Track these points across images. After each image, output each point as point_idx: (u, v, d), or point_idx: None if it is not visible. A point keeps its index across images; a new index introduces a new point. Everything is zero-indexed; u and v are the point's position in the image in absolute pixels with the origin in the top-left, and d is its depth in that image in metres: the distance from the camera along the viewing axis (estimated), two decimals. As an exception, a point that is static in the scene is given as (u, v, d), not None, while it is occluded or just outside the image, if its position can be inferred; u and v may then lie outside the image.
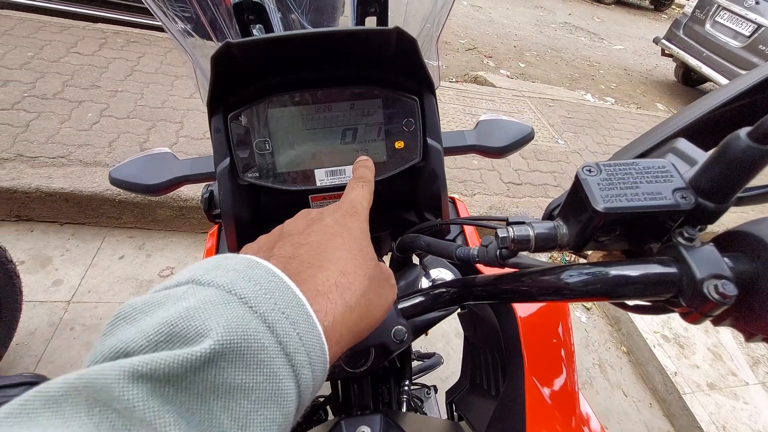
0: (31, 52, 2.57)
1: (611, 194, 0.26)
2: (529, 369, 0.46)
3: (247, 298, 0.20)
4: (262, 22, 0.45)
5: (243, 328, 0.18)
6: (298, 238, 0.28)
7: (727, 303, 0.23)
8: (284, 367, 0.19)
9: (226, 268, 0.21)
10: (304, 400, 0.21)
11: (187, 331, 0.18)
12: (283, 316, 0.20)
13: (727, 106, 0.34)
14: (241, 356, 0.18)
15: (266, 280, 0.21)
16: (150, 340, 0.17)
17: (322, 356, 0.22)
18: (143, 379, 0.16)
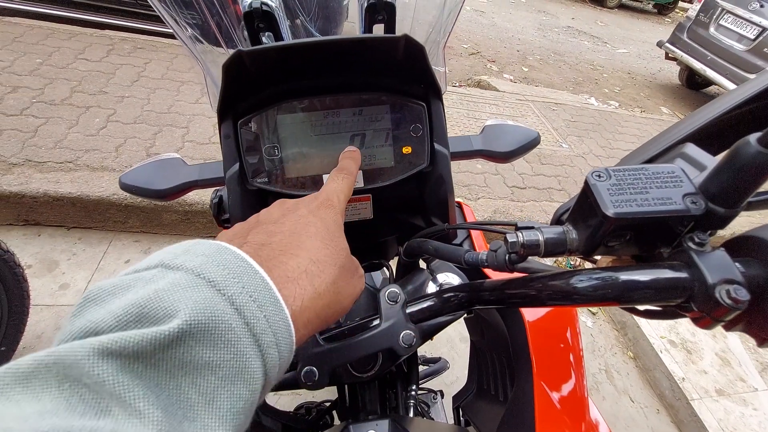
0: (40, 59, 2.60)
1: (621, 199, 0.26)
2: (538, 374, 0.46)
3: (215, 282, 0.21)
4: (272, 29, 0.46)
5: (211, 309, 0.19)
6: (272, 226, 0.30)
7: (739, 308, 0.23)
8: (251, 347, 0.20)
9: (195, 253, 0.22)
10: (271, 378, 0.22)
11: (156, 311, 0.18)
12: (251, 299, 0.21)
13: (735, 110, 0.34)
14: (208, 335, 0.19)
15: (235, 265, 0.22)
16: (119, 320, 0.18)
17: (289, 338, 0.23)
18: (113, 355, 0.16)
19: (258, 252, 0.26)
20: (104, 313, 0.18)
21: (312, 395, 1.30)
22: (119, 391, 0.16)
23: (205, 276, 0.21)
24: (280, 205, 0.33)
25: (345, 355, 0.38)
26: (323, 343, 0.38)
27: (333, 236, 0.30)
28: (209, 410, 0.18)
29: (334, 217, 0.32)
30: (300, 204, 0.32)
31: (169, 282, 0.20)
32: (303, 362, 0.37)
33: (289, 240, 0.28)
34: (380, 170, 0.47)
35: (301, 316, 0.25)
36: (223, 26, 0.54)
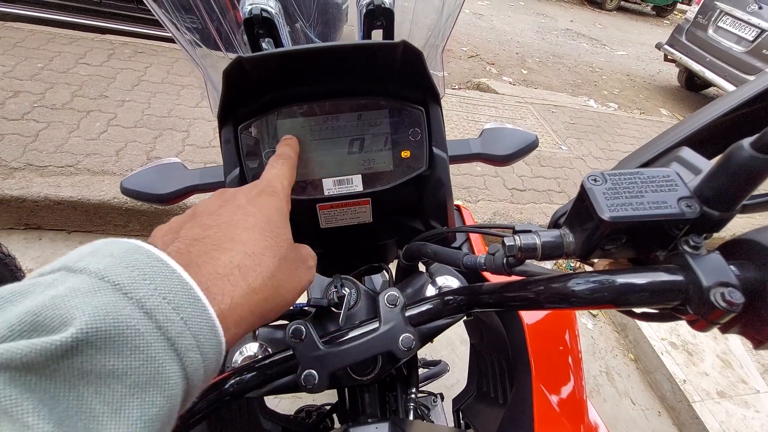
0: (41, 63, 2.62)
1: (617, 203, 0.26)
2: (537, 376, 0.46)
3: (122, 285, 0.19)
4: (272, 35, 0.46)
5: (113, 315, 0.18)
6: (208, 218, 0.28)
7: (734, 311, 0.23)
8: (165, 351, 0.19)
9: (102, 254, 0.21)
10: (195, 382, 0.21)
11: (51, 320, 0.17)
12: (164, 300, 0.20)
13: (730, 114, 0.34)
14: (110, 342, 0.18)
15: (147, 265, 0.21)
16: (12, 329, 0.17)
17: (215, 338, 0.22)
18: (1, 368, 0.16)
19: (189, 248, 0.25)
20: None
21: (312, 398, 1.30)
22: (6, 406, 0.15)
23: (109, 279, 0.19)
24: (219, 195, 0.31)
25: (344, 358, 0.38)
26: (323, 346, 0.38)
27: (273, 226, 0.29)
28: (117, 420, 0.17)
29: (277, 204, 0.31)
30: (239, 193, 0.31)
31: (68, 287, 0.18)
32: (303, 366, 0.37)
33: (225, 233, 0.27)
34: (379, 174, 0.47)
35: (231, 315, 0.24)
36: (223, 31, 0.55)
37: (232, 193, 0.31)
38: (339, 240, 0.54)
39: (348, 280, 0.48)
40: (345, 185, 0.47)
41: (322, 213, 0.49)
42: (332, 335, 0.41)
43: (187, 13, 0.53)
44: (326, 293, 0.47)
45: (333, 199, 0.47)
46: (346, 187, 0.47)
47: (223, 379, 0.38)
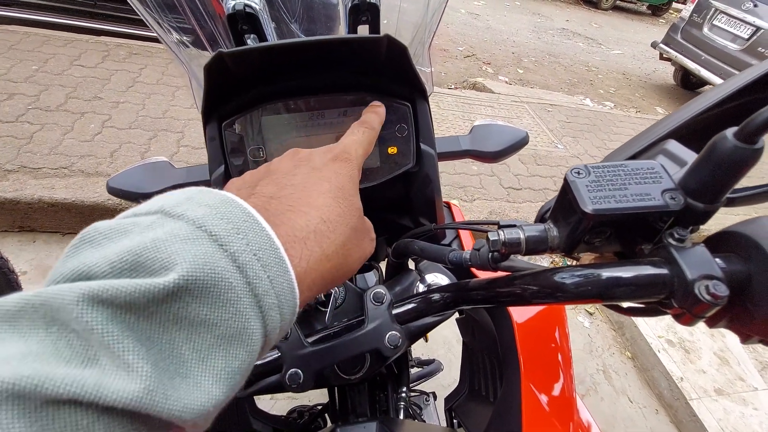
0: (35, 66, 2.61)
1: (600, 196, 0.26)
2: (526, 375, 0.45)
3: (218, 236, 0.19)
4: (256, 32, 0.45)
5: (211, 265, 0.18)
6: (283, 178, 0.28)
7: (718, 304, 0.23)
8: (251, 308, 0.20)
9: (198, 202, 0.21)
10: (271, 340, 0.22)
11: (152, 262, 0.18)
12: (255, 257, 0.20)
13: (716, 108, 0.34)
14: (206, 292, 0.18)
15: (240, 219, 0.21)
16: (113, 266, 0.17)
17: (292, 300, 0.22)
18: (103, 303, 0.16)
19: (266, 206, 0.25)
20: (98, 257, 0.17)
21: (308, 399, 1.29)
22: (108, 341, 0.15)
23: (207, 228, 0.19)
24: (293, 155, 0.31)
25: (331, 356, 0.38)
26: (308, 344, 0.38)
27: (347, 194, 0.29)
28: (203, 368, 0.18)
29: (350, 172, 0.30)
30: (314, 155, 0.30)
31: (167, 231, 0.19)
32: (288, 365, 0.37)
33: (300, 194, 0.27)
34: (367, 170, 0.47)
35: (306, 278, 0.24)
36: (208, 29, 0.54)
37: (306, 153, 0.31)
38: None
39: None
40: None
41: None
42: (318, 334, 0.40)
43: (171, 12, 0.52)
44: (314, 292, 0.46)
45: None
46: None
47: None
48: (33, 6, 3.02)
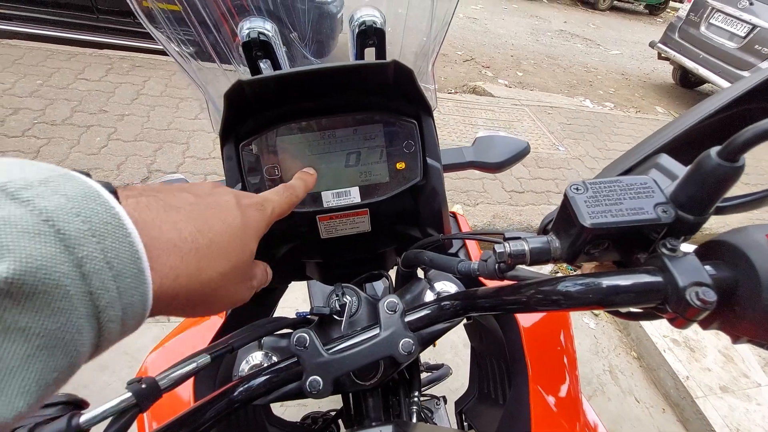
0: (40, 80, 2.65)
1: (597, 210, 0.28)
2: (533, 377, 0.47)
3: (67, 236, 0.17)
4: (269, 56, 0.48)
5: (47, 269, 0.16)
6: (194, 196, 0.27)
7: (708, 308, 0.25)
8: (86, 319, 0.17)
9: (55, 189, 0.17)
10: (103, 348, 0.20)
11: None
12: (107, 266, 0.18)
13: (705, 121, 0.36)
14: (33, 298, 0.15)
15: (100, 218, 0.18)
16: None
17: (141, 313, 0.20)
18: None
19: (153, 204, 0.23)
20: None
21: (318, 405, 1.31)
22: None
23: (55, 225, 0.16)
24: (214, 185, 0.31)
25: (347, 364, 0.39)
26: (326, 353, 0.40)
27: (246, 236, 0.29)
28: (11, 381, 0.15)
29: (258, 221, 0.31)
30: (232, 194, 0.30)
31: (3, 216, 0.15)
32: (307, 373, 0.39)
33: (202, 212, 0.26)
34: (376, 185, 0.49)
35: (168, 293, 0.22)
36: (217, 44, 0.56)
37: (228, 190, 0.31)
38: (339, 249, 0.56)
39: (349, 288, 0.50)
40: (343, 197, 0.48)
41: (322, 224, 0.51)
42: (335, 342, 0.42)
43: (180, 25, 0.54)
44: (328, 301, 0.49)
45: (332, 210, 0.49)
46: (345, 198, 0.49)
47: (232, 387, 0.40)
48: (36, 20, 3.07)
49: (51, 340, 0.16)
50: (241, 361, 0.48)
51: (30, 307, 0.15)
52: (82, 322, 0.17)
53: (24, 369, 0.16)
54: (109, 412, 0.30)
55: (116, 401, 0.30)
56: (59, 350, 0.17)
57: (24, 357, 0.16)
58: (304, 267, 0.61)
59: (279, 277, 0.61)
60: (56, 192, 0.17)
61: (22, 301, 0.15)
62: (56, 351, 0.17)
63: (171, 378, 0.34)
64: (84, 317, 0.17)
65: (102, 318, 0.18)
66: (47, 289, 0.16)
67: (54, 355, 0.17)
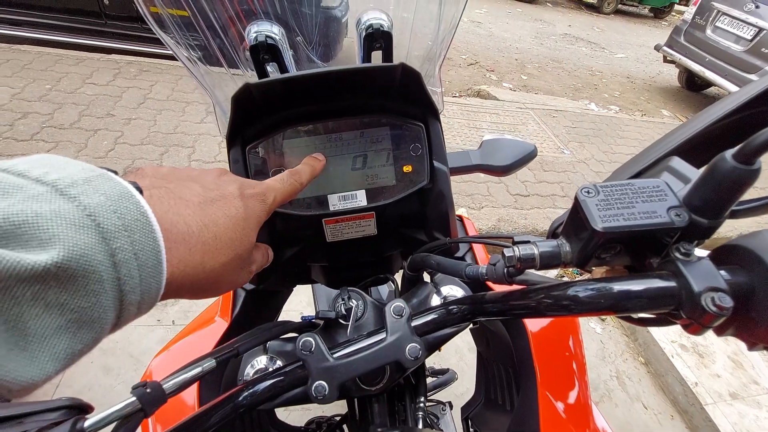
0: (48, 85, 2.68)
1: (609, 214, 0.28)
2: (542, 383, 0.47)
3: (105, 230, 0.19)
4: (276, 60, 0.48)
5: (88, 257, 0.18)
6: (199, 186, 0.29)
7: (724, 314, 0.24)
8: (113, 301, 0.20)
9: (96, 188, 0.20)
10: (119, 327, 0.22)
11: (29, 236, 0.17)
12: (134, 256, 0.21)
13: (717, 123, 0.35)
14: (74, 281, 0.18)
15: (133, 217, 0.21)
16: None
17: (155, 298, 0.23)
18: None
19: (169, 199, 0.26)
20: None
21: (322, 410, 1.30)
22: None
23: (96, 219, 0.19)
24: (221, 173, 0.33)
25: (353, 369, 0.39)
26: (331, 358, 0.39)
27: (247, 226, 0.31)
28: (44, 346, 0.18)
29: (260, 212, 0.33)
30: (237, 184, 0.32)
31: (54, 210, 0.18)
32: (313, 377, 0.38)
33: (208, 206, 0.28)
34: (382, 188, 0.49)
35: (177, 280, 0.25)
36: (225, 47, 0.57)
37: (233, 179, 0.33)
38: (345, 253, 0.55)
39: (355, 292, 0.49)
40: (349, 200, 0.48)
41: (329, 227, 0.50)
42: (341, 347, 0.42)
43: (188, 30, 0.55)
44: (334, 305, 0.48)
45: (338, 213, 0.49)
46: (351, 202, 0.48)
47: (237, 391, 0.40)
48: (44, 26, 3.12)
49: (82, 316, 0.19)
50: (246, 365, 0.48)
51: (70, 288, 0.18)
52: (109, 303, 0.20)
53: (56, 338, 0.18)
54: (114, 416, 0.30)
55: (121, 406, 0.30)
56: (87, 325, 0.19)
57: (57, 328, 0.18)
58: (310, 270, 0.61)
59: (284, 281, 0.61)
60: (97, 191, 0.20)
61: (64, 282, 0.18)
62: (84, 326, 0.19)
63: (176, 383, 0.33)
64: (111, 299, 0.20)
65: (124, 301, 0.21)
66: (86, 274, 0.18)
67: (82, 329, 0.19)
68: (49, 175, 0.19)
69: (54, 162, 0.21)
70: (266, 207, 0.33)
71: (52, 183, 0.19)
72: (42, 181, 0.19)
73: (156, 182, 0.27)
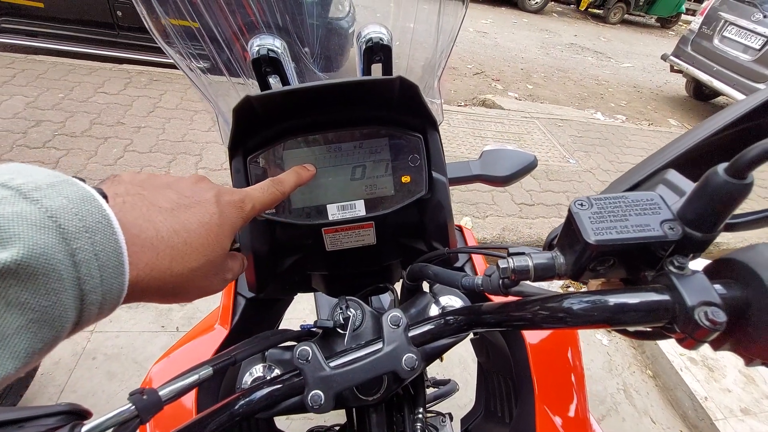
0: (61, 94, 2.74)
1: (601, 227, 0.28)
2: (540, 396, 0.46)
3: (66, 231, 0.20)
4: (278, 72, 0.49)
5: (47, 256, 0.19)
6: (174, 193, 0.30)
7: (717, 329, 0.24)
8: (73, 299, 0.20)
9: (59, 192, 0.21)
10: (80, 328, 0.23)
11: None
12: (95, 257, 0.21)
13: (715, 136, 0.35)
14: (34, 279, 0.19)
15: (94, 219, 0.22)
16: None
17: (117, 299, 0.23)
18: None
19: (137, 204, 0.26)
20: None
21: (323, 419, 1.29)
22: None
23: (57, 220, 0.20)
24: (197, 180, 0.33)
25: (350, 378, 0.39)
26: (328, 367, 0.39)
27: (220, 232, 0.31)
28: (4, 345, 0.18)
29: (236, 219, 0.33)
30: (213, 191, 0.32)
31: (17, 211, 0.19)
32: (309, 387, 0.38)
33: (181, 212, 0.29)
34: (381, 199, 0.49)
35: (142, 283, 0.25)
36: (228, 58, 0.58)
37: (210, 186, 0.33)
38: (345, 262, 0.56)
39: (353, 302, 0.50)
40: (348, 210, 0.49)
41: (328, 237, 0.51)
42: (338, 356, 0.42)
43: (191, 40, 0.56)
44: (332, 314, 0.48)
45: (338, 223, 0.49)
46: (350, 211, 0.49)
47: (233, 399, 0.40)
48: (60, 37, 3.20)
49: (43, 315, 0.19)
50: (244, 373, 0.48)
51: (30, 287, 0.19)
52: (70, 302, 0.20)
53: (17, 337, 0.19)
54: (111, 422, 0.30)
55: (117, 412, 0.31)
56: (48, 324, 0.20)
57: (18, 327, 0.19)
58: (310, 279, 0.61)
59: (284, 289, 0.61)
60: (60, 194, 0.21)
61: (24, 281, 0.18)
62: (45, 325, 0.20)
63: (172, 390, 0.34)
64: (71, 298, 0.20)
65: (85, 300, 0.21)
66: (46, 272, 0.19)
67: (42, 328, 0.20)
68: (15, 180, 0.20)
69: (22, 169, 0.21)
70: (243, 214, 0.33)
71: (16, 187, 0.20)
72: (7, 185, 0.20)
73: (131, 189, 0.28)
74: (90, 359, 1.55)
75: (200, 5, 0.52)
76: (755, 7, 4.46)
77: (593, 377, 1.86)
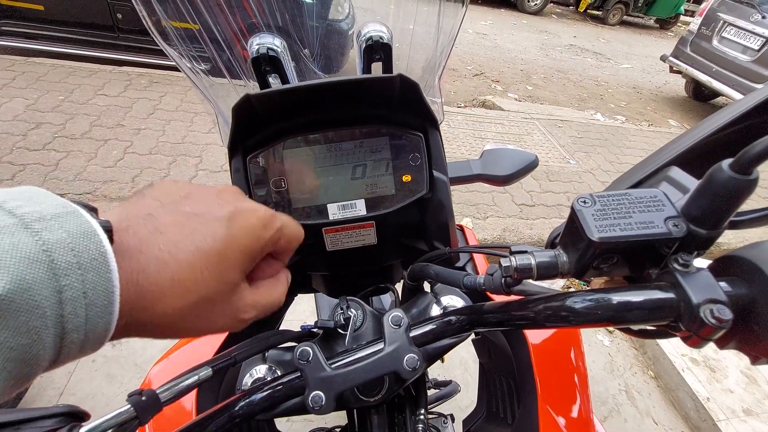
0: (61, 96, 2.74)
1: (605, 224, 0.27)
2: (542, 396, 0.46)
3: (57, 267, 0.19)
4: (278, 71, 0.49)
5: (33, 291, 0.18)
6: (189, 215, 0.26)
7: (723, 327, 0.24)
8: (53, 338, 0.19)
9: (62, 225, 0.20)
10: (57, 365, 0.21)
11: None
12: (83, 295, 0.20)
13: (718, 133, 0.35)
14: (14, 314, 0.17)
15: (90, 257, 0.20)
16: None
17: (101, 339, 0.22)
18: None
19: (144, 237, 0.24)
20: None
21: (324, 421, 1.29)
22: None
23: (51, 255, 0.19)
24: (221, 192, 0.29)
25: (350, 379, 0.39)
26: (329, 368, 0.39)
27: (221, 262, 0.26)
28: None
29: (251, 244, 0.28)
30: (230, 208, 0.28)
31: (15, 243, 0.18)
32: (310, 387, 0.38)
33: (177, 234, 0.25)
34: (382, 198, 0.49)
35: (129, 322, 0.23)
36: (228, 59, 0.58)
37: (230, 199, 0.29)
38: (345, 262, 0.55)
39: (354, 302, 0.49)
40: (349, 209, 0.48)
41: (328, 236, 0.50)
42: (339, 356, 0.42)
43: (192, 42, 0.56)
44: (333, 315, 0.48)
45: (338, 223, 0.49)
46: (350, 211, 0.48)
47: (233, 401, 0.39)
48: (60, 39, 3.20)
49: (20, 354, 0.18)
50: (244, 374, 0.47)
51: (11, 323, 0.17)
52: (49, 340, 0.19)
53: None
54: (109, 424, 0.30)
55: (115, 413, 0.30)
56: (23, 362, 0.18)
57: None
58: (310, 280, 0.61)
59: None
60: (62, 227, 0.20)
61: (6, 317, 0.17)
62: (19, 362, 0.18)
63: (172, 391, 0.33)
64: (51, 336, 0.19)
65: (65, 339, 0.20)
66: (29, 309, 0.18)
67: (18, 366, 0.18)
68: (21, 208, 0.19)
69: (34, 195, 0.20)
70: (264, 235, 0.28)
71: (21, 216, 0.19)
72: (13, 213, 0.19)
73: (144, 208, 0.26)
74: (89, 361, 1.55)
75: (200, 6, 0.52)
76: (754, 8, 4.47)
77: (595, 378, 1.85)
